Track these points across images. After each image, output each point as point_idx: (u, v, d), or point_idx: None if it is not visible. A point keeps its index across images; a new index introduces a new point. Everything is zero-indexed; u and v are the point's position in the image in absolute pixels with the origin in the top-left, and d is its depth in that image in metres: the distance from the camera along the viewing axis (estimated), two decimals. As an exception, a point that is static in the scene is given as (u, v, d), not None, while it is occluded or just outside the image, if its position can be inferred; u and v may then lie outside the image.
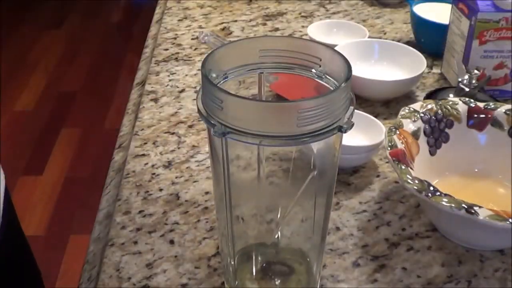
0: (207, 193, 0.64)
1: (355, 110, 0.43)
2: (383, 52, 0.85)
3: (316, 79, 0.45)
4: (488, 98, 0.75)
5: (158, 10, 1.11)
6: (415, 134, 0.61)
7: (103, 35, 3.11)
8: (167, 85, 0.83)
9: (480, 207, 0.51)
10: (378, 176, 0.66)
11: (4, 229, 0.67)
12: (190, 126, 0.74)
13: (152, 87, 0.83)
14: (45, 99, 2.49)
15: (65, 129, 2.36)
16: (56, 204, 1.96)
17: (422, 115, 0.63)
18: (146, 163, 0.68)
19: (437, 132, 0.63)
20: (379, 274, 0.54)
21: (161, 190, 0.64)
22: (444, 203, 0.51)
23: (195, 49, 0.93)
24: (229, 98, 0.39)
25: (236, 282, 0.50)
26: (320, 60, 0.45)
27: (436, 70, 0.88)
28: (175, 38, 0.97)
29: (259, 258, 0.52)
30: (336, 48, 0.81)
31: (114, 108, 2.48)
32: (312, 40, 0.74)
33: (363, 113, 0.70)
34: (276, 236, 0.50)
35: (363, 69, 0.81)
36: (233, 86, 0.46)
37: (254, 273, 0.51)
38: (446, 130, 0.64)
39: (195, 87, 0.83)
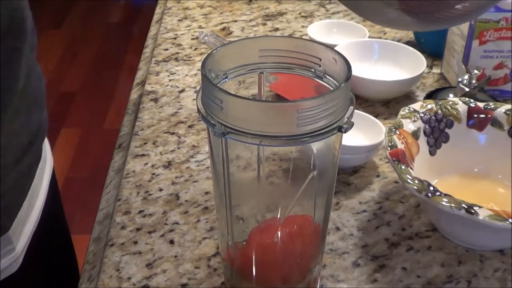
0: (207, 193, 0.64)
1: (355, 110, 0.43)
2: (383, 52, 0.85)
3: (316, 79, 0.45)
4: (488, 98, 0.75)
5: (158, 10, 1.11)
6: (415, 134, 0.61)
7: (103, 35, 3.12)
8: (167, 85, 0.83)
9: (480, 207, 0.51)
10: (378, 176, 0.66)
11: (49, 215, 0.67)
12: (190, 126, 0.74)
13: (152, 87, 0.83)
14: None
15: (65, 129, 2.36)
16: (56, 204, 1.96)
17: (422, 115, 0.63)
18: (146, 163, 0.68)
19: (437, 132, 0.63)
20: (379, 274, 0.54)
21: (161, 190, 0.64)
22: (444, 203, 0.51)
23: (195, 49, 0.93)
24: (229, 98, 0.39)
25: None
26: (320, 60, 0.45)
27: (436, 70, 0.88)
28: (175, 38, 0.97)
29: (259, 258, 0.52)
30: (336, 48, 0.81)
31: (114, 108, 2.49)
32: (312, 40, 0.74)
33: (363, 113, 0.70)
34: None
35: (363, 69, 0.82)
36: (233, 86, 0.46)
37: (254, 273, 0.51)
38: (446, 130, 0.64)
39: (195, 87, 0.83)
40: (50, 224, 0.69)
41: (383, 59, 0.85)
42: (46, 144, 0.68)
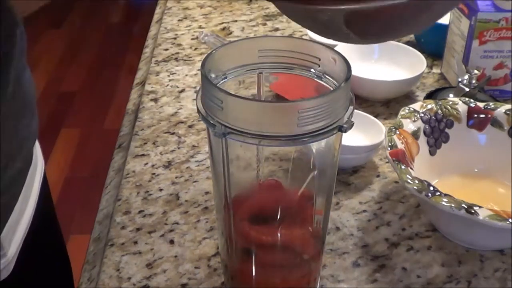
0: (207, 193, 0.64)
1: (355, 110, 0.43)
2: (383, 52, 0.85)
3: (315, 79, 0.45)
4: (488, 98, 0.75)
5: (158, 10, 1.11)
6: (415, 134, 0.61)
7: (103, 35, 3.11)
8: (167, 85, 0.83)
9: (480, 207, 0.51)
10: (378, 176, 0.66)
11: (40, 220, 0.67)
12: (190, 126, 0.74)
13: (152, 87, 0.83)
14: (45, 99, 2.50)
15: (65, 129, 2.36)
16: (56, 204, 1.95)
17: (422, 115, 0.63)
18: (146, 163, 0.68)
19: (437, 132, 0.63)
20: (379, 274, 0.54)
21: (161, 190, 0.64)
22: (444, 203, 0.51)
23: (195, 49, 0.93)
24: (229, 98, 0.39)
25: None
26: (319, 60, 0.45)
27: (436, 70, 0.88)
28: (175, 38, 0.97)
29: (259, 258, 0.52)
30: (336, 48, 0.81)
31: (114, 108, 2.49)
32: (311, 40, 0.74)
33: (363, 113, 0.70)
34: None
35: (363, 69, 0.81)
36: (233, 86, 0.46)
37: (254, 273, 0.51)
38: (446, 130, 0.64)
39: (195, 87, 0.83)
40: (42, 229, 0.68)
41: (383, 59, 0.85)
42: (37, 148, 0.68)
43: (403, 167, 0.55)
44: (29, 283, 0.67)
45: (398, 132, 0.60)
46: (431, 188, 0.52)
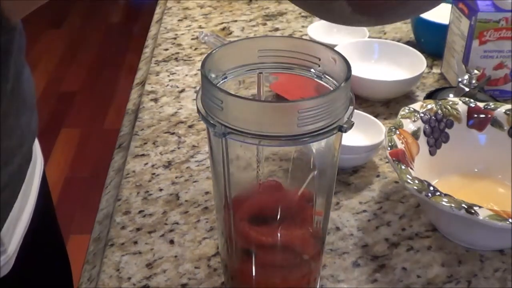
0: (207, 193, 0.64)
1: (355, 110, 0.43)
2: (383, 52, 0.85)
3: (315, 79, 0.45)
4: (488, 98, 0.75)
5: (158, 10, 1.11)
6: (415, 134, 0.61)
7: (103, 35, 3.11)
8: (167, 85, 0.83)
9: (480, 207, 0.51)
10: (378, 176, 0.66)
11: (40, 218, 0.67)
12: (190, 126, 0.74)
13: (152, 87, 0.83)
14: (45, 99, 2.50)
15: (65, 129, 2.36)
16: (56, 204, 1.95)
17: (422, 115, 0.63)
18: (146, 163, 0.68)
19: (437, 132, 0.63)
20: (379, 274, 0.54)
21: (161, 190, 0.64)
22: (444, 203, 0.51)
23: (195, 49, 0.93)
24: (229, 98, 0.39)
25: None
26: (319, 60, 0.45)
27: (436, 70, 0.88)
28: (175, 38, 0.97)
29: (259, 258, 0.52)
30: (336, 48, 0.81)
31: (114, 108, 2.49)
32: (311, 40, 0.74)
33: (363, 113, 0.70)
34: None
35: (363, 69, 0.81)
36: (233, 86, 0.46)
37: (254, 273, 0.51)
38: (446, 130, 0.64)
39: (195, 87, 0.83)
40: (41, 225, 0.68)
41: (383, 59, 0.85)
42: (36, 146, 0.68)
43: (403, 167, 0.55)
44: (29, 281, 0.67)
45: (398, 132, 0.60)
46: (431, 188, 0.53)
